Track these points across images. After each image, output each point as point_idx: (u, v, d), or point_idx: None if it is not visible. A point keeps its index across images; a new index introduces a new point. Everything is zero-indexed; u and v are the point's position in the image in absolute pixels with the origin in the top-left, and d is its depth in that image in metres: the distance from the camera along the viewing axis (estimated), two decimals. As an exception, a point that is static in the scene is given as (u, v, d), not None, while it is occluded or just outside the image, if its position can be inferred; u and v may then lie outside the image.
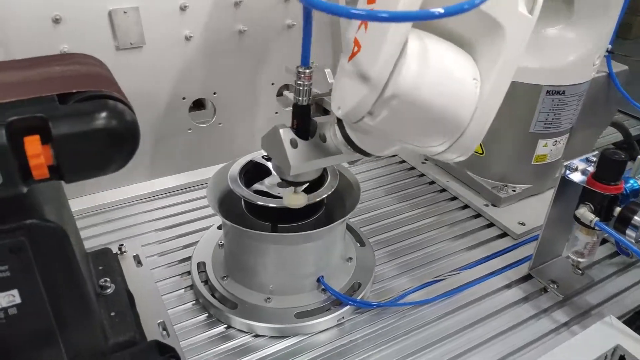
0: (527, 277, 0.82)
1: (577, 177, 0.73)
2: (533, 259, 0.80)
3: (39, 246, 0.51)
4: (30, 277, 0.52)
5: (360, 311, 0.74)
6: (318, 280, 0.73)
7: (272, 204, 0.68)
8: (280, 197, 0.69)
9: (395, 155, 1.13)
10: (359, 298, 0.73)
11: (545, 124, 0.90)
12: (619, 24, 0.86)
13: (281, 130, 0.57)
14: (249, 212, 0.73)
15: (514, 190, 0.95)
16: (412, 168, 1.09)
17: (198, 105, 1.05)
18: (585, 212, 0.71)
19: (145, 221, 0.90)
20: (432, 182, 1.04)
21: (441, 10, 0.38)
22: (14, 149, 0.44)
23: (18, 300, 0.52)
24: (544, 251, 0.81)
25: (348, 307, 0.72)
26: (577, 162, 0.73)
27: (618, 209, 0.70)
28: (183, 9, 0.91)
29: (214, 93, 0.99)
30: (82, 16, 0.84)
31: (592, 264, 0.85)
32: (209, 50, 0.96)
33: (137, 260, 0.78)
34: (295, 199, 0.64)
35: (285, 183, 0.67)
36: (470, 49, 0.48)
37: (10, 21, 0.79)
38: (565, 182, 0.73)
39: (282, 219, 0.71)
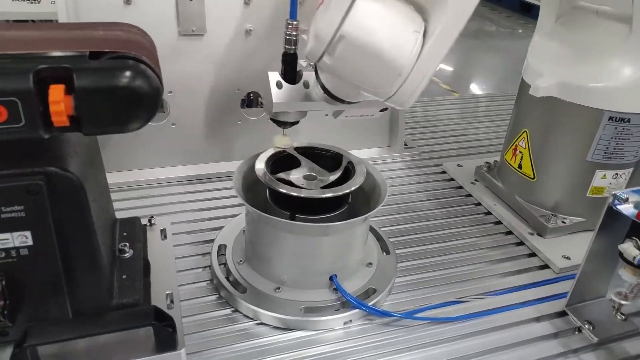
0: (561, 314, 0.75)
1: (626, 209, 0.67)
2: (570, 294, 0.74)
3: (55, 193, 0.54)
4: (43, 222, 0.54)
5: (370, 318, 0.71)
6: (331, 278, 0.71)
7: (292, 192, 0.68)
8: (306, 189, 0.69)
9: (445, 172, 1.10)
10: (370, 304, 0.71)
11: (605, 153, 0.83)
12: None
13: (270, 73, 0.71)
14: (271, 200, 0.73)
15: (563, 222, 0.89)
16: (460, 187, 1.05)
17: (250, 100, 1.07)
18: (629, 248, 0.65)
19: (180, 201, 0.93)
20: (479, 204, 0.99)
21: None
22: (39, 95, 0.47)
23: (30, 242, 0.55)
24: (584, 288, 0.75)
25: (357, 311, 0.70)
26: (629, 193, 0.67)
27: (669, 250, 0.64)
28: (247, 2, 0.94)
29: (268, 88, 1.01)
30: (150, 0, 0.89)
31: (637, 312, 0.77)
32: (268, 46, 0.98)
33: (164, 234, 0.80)
34: (282, 141, 0.75)
35: (312, 176, 0.73)
36: (423, 11, 0.58)
37: (82, 3, 0.85)
38: (612, 213, 0.67)
39: (303, 210, 0.70)
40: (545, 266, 0.85)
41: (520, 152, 0.92)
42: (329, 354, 0.66)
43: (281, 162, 0.76)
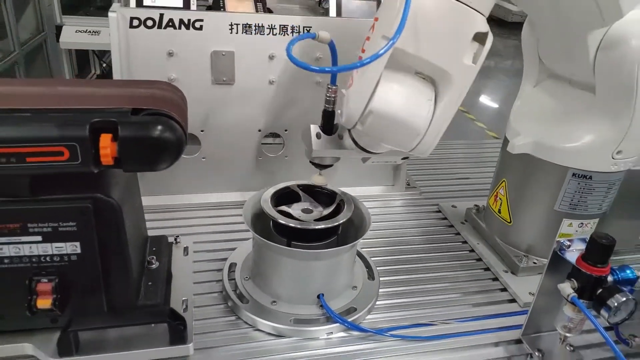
0: (518, 341, 0.86)
1: (570, 254, 0.78)
2: (525, 325, 0.85)
3: (99, 214, 0.70)
4: (89, 235, 0.71)
5: (349, 332, 0.84)
6: (318, 296, 0.85)
7: (290, 223, 0.82)
8: (301, 220, 0.84)
9: (440, 212, 1.22)
10: (350, 320, 0.84)
11: (570, 204, 0.94)
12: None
13: (312, 126, 0.87)
14: (273, 228, 0.88)
15: (534, 263, 1.00)
16: (451, 226, 1.17)
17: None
18: (565, 287, 0.76)
19: (203, 224, 1.09)
20: (465, 242, 1.12)
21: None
22: (92, 141, 0.64)
23: (78, 250, 0.72)
24: (538, 321, 0.85)
25: (338, 325, 0.83)
26: (572, 241, 0.79)
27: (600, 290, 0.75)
28: (271, 58, 1.11)
29: (285, 130, 1.17)
30: (190, 53, 1.06)
31: (590, 345, 0.87)
32: (288, 94, 1.14)
33: (186, 251, 0.96)
34: (318, 179, 0.90)
35: (309, 209, 0.89)
36: (433, 82, 0.77)
37: (135, 52, 1.04)
38: (557, 258, 0.79)
39: (298, 238, 0.85)
40: (513, 300, 0.96)
41: (500, 198, 1.04)
42: (313, 358, 0.80)
43: (285, 196, 0.91)
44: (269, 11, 1.51)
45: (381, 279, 0.97)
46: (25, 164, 0.63)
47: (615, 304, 0.73)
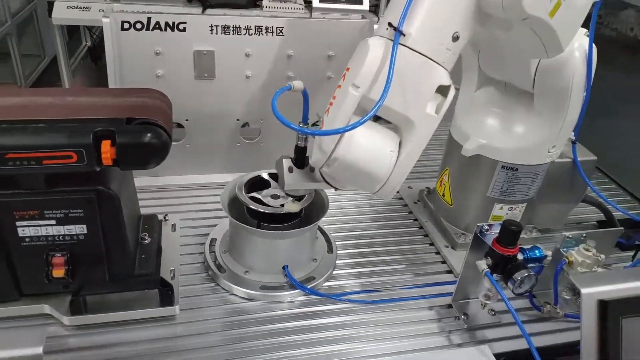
0: (449, 306, 1.05)
1: (488, 237, 0.96)
2: (454, 292, 1.04)
3: (101, 202, 0.86)
4: (94, 219, 0.87)
5: (309, 296, 1.02)
6: (283, 267, 1.03)
7: (259, 208, 0.99)
8: (269, 205, 1.01)
9: (397, 192, 1.39)
10: (309, 287, 1.02)
11: (500, 191, 1.11)
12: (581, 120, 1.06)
13: (284, 160, 0.93)
14: (246, 211, 1.04)
15: (471, 240, 1.17)
16: (406, 205, 1.34)
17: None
18: (481, 264, 0.94)
19: (190, 202, 1.26)
20: (415, 220, 1.29)
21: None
22: (95, 146, 0.80)
23: (85, 231, 0.88)
24: (466, 289, 1.03)
25: (299, 291, 1.01)
26: (491, 226, 0.96)
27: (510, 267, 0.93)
28: (247, 55, 1.25)
29: (261, 120, 1.32)
30: (175, 52, 1.21)
31: (507, 310, 1.04)
32: (263, 88, 1.29)
33: (174, 227, 1.13)
34: (292, 206, 0.98)
35: (277, 195, 1.03)
36: (398, 130, 0.84)
37: (126, 51, 1.18)
38: (478, 238, 0.96)
39: (266, 220, 1.01)
40: (450, 271, 1.14)
41: (444, 184, 1.21)
42: (277, 317, 0.98)
43: (257, 183, 1.07)
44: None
45: (340, 252, 1.14)
46: (42, 165, 0.79)
47: (519, 278, 0.91)
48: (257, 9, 1.94)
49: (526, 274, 0.91)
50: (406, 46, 0.78)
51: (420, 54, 0.79)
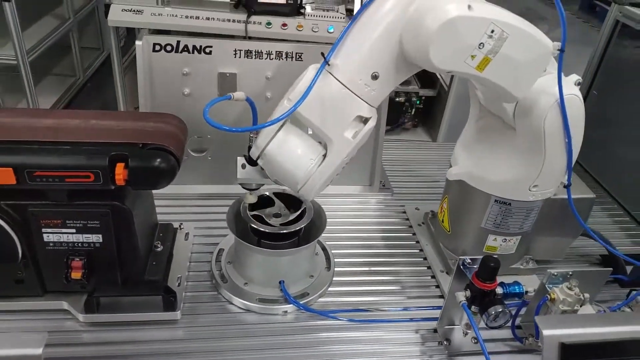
0: (435, 331, 1.10)
1: (470, 270, 1.00)
2: (439, 319, 1.09)
3: (116, 216, 0.97)
4: (108, 230, 0.98)
5: (301, 311, 1.10)
6: (280, 282, 1.11)
7: (260, 228, 1.07)
8: (270, 224, 1.09)
9: (405, 212, 1.45)
10: (302, 302, 1.10)
11: (494, 224, 1.15)
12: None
13: (238, 158, 1.04)
14: (249, 228, 1.13)
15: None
16: (411, 227, 1.40)
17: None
18: (459, 295, 0.99)
19: (207, 212, 1.36)
20: (417, 242, 1.34)
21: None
22: (110, 168, 0.90)
23: (101, 240, 0.99)
24: (451, 315, 1.09)
25: (292, 305, 1.10)
26: (472, 260, 1.00)
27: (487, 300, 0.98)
28: (268, 78, 1.33)
29: (278, 137, 1.40)
30: (201, 73, 1.31)
31: (492, 339, 1.09)
32: (281, 107, 1.36)
33: (187, 236, 1.24)
34: (249, 198, 1.10)
35: (279, 214, 1.13)
36: (323, 143, 0.96)
37: (157, 71, 1.28)
38: (460, 271, 1.01)
39: (266, 238, 1.10)
40: (442, 296, 1.19)
41: (443, 210, 1.26)
42: (270, 328, 1.07)
43: (262, 201, 1.16)
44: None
45: (338, 269, 1.21)
46: (64, 183, 0.90)
47: (493, 313, 0.96)
48: (299, 16, 2.04)
49: (500, 310, 0.96)
50: (333, 75, 0.91)
51: (343, 84, 0.91)
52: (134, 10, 2.44)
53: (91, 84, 2.86)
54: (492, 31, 0.86)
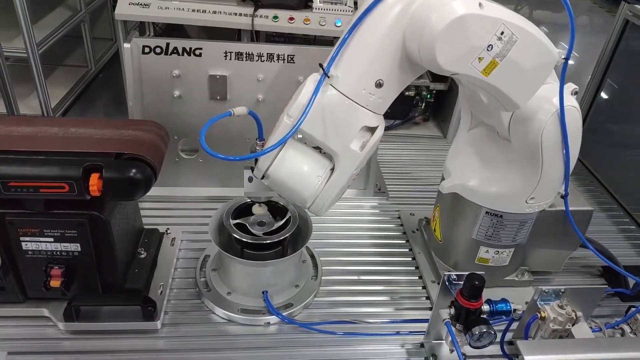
0: (422, 346, 1.07)
1: (455, 286, 0.97)
2: (426, 332, 1.06)
3: (93, 225, 0.96)
4: (86, 239, 0.97)
5: (284, 322, 1.08)
6: (263, 292, 1.09)
7: (243, 238, 1.05)
8: (253, 233, 1.07)
9: (399, 218, 1.41)
10: (285, 314, 1.08)
11: (485, 236, 1.12)
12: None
13: (245, 170, 1.02)
14: (233, 238, 1.11)
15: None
16: (404, 233, 1.36)
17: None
18: (443, 312, 0.96)
19: (195, 215, 1.34)
20: (410, 250, 1.31)
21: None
22: (84, 179, 0.89)
23: (79, 249, 0.98)
24: (438, 330, 1.05)
25: (274, 316, 1.08)
26: (458, 276, 0.97)
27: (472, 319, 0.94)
28: (259, 80, 1.30)
29: (270, 140, 1.38)
30: (191, 75, 1.28)
31: (480, 356, 1.06)
32: (274, 111, 1.33)
33: (173, 242, 1.22)
34: (258, 210, 1.08)
35: (263, 222, 1.10)
36: (330, 157, 0.93)
37: (146, 74, 1.27)
38: (445, 287, 0.98)
39: (249, 248, 1.08)
40: (431, 308, 1.16)
41: (436, 219, 1.22)
42: (253, 340, 1.05)
43: (247, 208, 1.13)
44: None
45: (326, 278, 1.19)
46: (39, 193, 0.89)
47: (477, 333, 0.93)
48: (307, 10, 2.01)
49: (485, 330, 0.93)
50: (334, 87, 0.87)
51: (345, 95, 0.87)
52: (142, 4, 2.44)
53: (103, 74, 2.88)
54: (502, 33, 0.81)
